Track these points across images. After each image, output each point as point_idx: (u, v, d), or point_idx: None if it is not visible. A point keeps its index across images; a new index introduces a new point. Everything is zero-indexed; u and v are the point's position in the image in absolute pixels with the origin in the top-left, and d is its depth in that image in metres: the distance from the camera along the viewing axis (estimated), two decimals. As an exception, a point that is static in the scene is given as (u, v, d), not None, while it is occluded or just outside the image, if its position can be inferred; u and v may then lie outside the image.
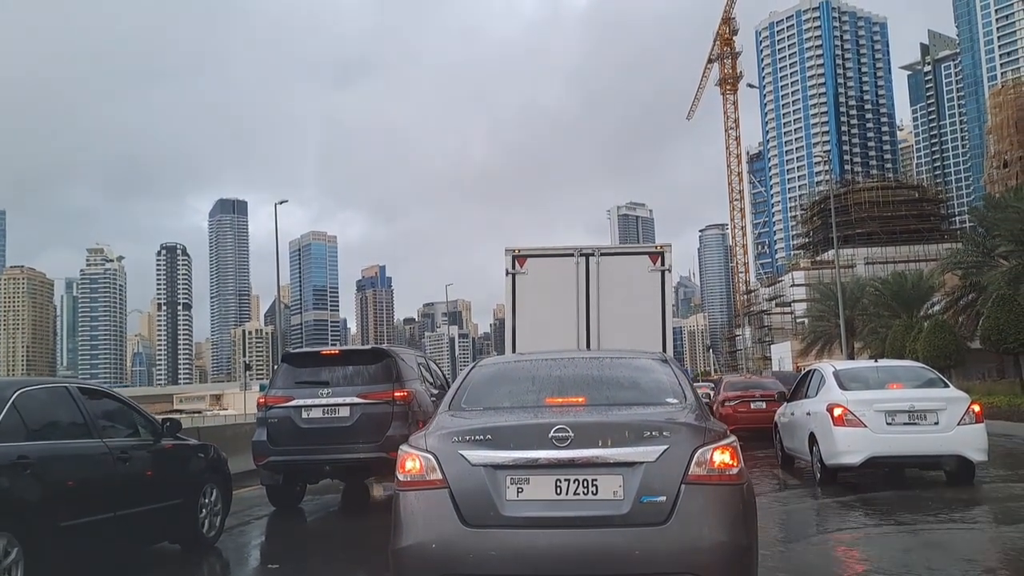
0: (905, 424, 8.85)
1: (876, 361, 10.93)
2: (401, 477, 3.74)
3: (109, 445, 5.70)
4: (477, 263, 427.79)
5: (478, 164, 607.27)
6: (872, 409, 8.89)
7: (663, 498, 3.43)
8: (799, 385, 11.10)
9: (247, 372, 72.76)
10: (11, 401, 5.06)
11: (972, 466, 8.98)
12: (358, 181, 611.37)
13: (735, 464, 3.59)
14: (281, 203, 45.63)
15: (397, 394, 8.41)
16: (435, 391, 9.63)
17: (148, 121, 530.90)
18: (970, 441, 8.81)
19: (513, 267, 10.79)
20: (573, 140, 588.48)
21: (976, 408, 9.11)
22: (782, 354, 77.25)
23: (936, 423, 8.82)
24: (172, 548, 6.67)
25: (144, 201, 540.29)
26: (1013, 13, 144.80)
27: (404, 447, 3.85)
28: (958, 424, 8.80)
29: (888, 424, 8.85)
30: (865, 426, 8.85)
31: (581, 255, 10.74)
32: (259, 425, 8.81)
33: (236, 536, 7.68)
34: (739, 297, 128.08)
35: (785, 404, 11.53)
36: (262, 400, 8.95)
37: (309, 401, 8.47)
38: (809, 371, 11.13)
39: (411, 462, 3.70)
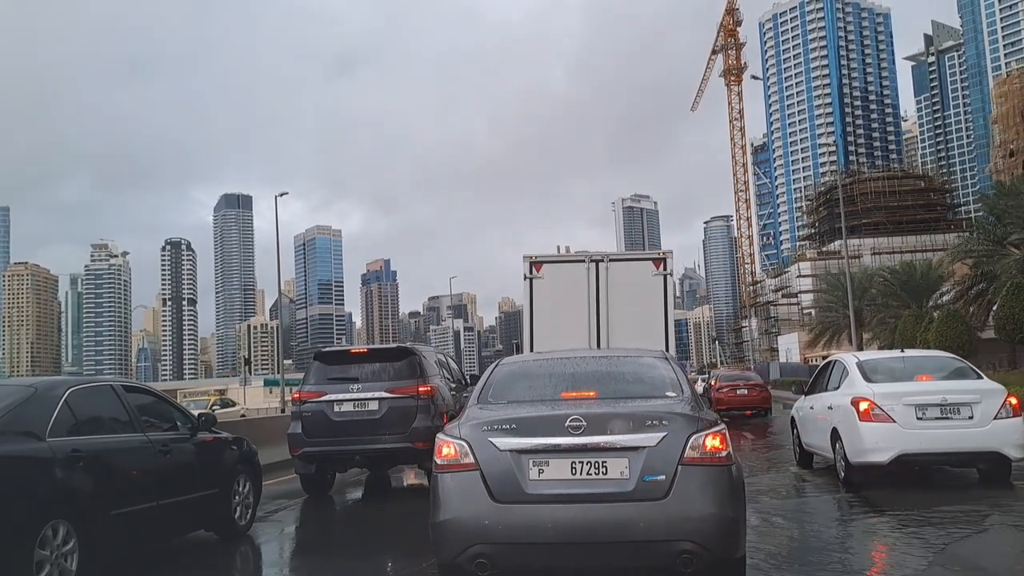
0: (937, 419, 8.20)
1: (902, 351, 10.37)
2: (439, 461, 4.28)
3: (151, 439, 6.03)
4: (482, 256, 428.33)
5: (481, 155, 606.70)
6: (901, 403, 8.28)
7: (663, 477, 3.98)
8: (818, 377, 10.62)
9: (246, 367, 72.54)
10: (64, 399, 5.38)
11: (1009, 464, 8.34)
12: (362, 174, 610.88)
13: (724, 448, 4.13)
14: (281, 195, 45.80)
15: (421, 389, 9.09)
16: (453, 385, 10.34)
17: (152, 115, 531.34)
18: (1008, 436, 8.15)
19: (531, 272, 11.66)
20: (576, 130, 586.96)
21: (1013, 401, 8.43)
22: (789, 345, 77.17)
23: (970, 417, 8.16)
24: (208, 536, 6.94)
25: (148, 196, 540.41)
26: (1016, 3, 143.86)
27: (440, 435, 4.38)
28: (994, 418, 8.15)
29: (919, 419, 8.21)
30: (894, 421, 8.25)
31: (591, 261, 11.70)
32: (294, 418, 9.42)
33: (267, 524, 8.01)
34: (745, 288, 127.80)
35: (803, 397, 10.99)
36: (296, 395, 9.59)
37: (340, 396, 9.08)
38: (829, 362, 10.57)
39: (447, 448, 4.25)
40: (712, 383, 25.69)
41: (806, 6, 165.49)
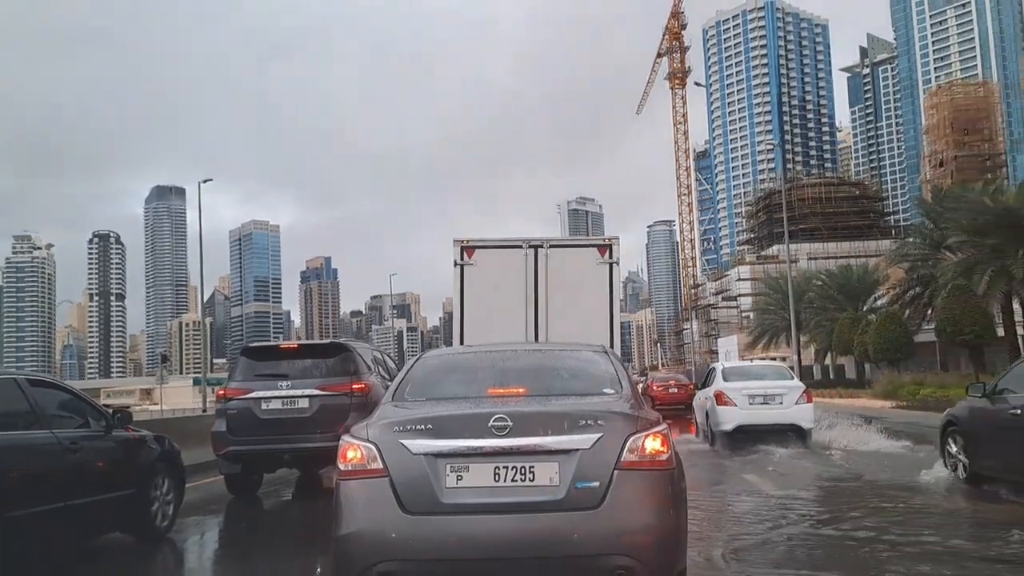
0: (762, 404, 13.09)
1: (752, 361, 15.53)
2: (342, 467, 3.82)
3: (58, 436, 5.72)
4: (426, 255, 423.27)
5: (422, 149, 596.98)
6: (740, 394, 13.13)
7: (596, 483, 3.57)
8: (707, 377, 15.29)
9: (164, 364, 69.66)
10: None
11: (804, 431, 12.94)
12: (300, 168, 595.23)
13: (665, 451, 3.74)
14: (205, 182, 44.97)
15: (355, 386, 8.86)
16: (390, 383, 9.68)
17: (79, 101, 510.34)
18: (802, 415, 13.05)
19: (461, 258, 10.91)
20: (520, 127, 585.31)
21: (808, 393, 13.49)
22: (729, 348, 78.29)
23: (781, 403, 13.09)
24: (125, 538, 6.67)
25: (75, 186, 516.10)
26: (947, 19, 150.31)
27: (346, 437, 3.90)
28: (795, 404, 13.05)
29: (751, 404, 13.06)
30: (735, 405, 13.06)
31: (530, 247, 10.85)
32: (219, 416, 9.14)
33: (189, 526, 7.75)
34: (686, 292, 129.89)
35: (699, 390, 15.74)
36: (222, 392, 9.34)
37: (268, 393, 8.83)
38: (712, 367, 16.46)
39: (352, 452, 3.78)
40: (649, 383, 30.44)
41: (748, 15, 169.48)
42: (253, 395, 8.81)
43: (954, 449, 8.45)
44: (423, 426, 3.73)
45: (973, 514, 7.31)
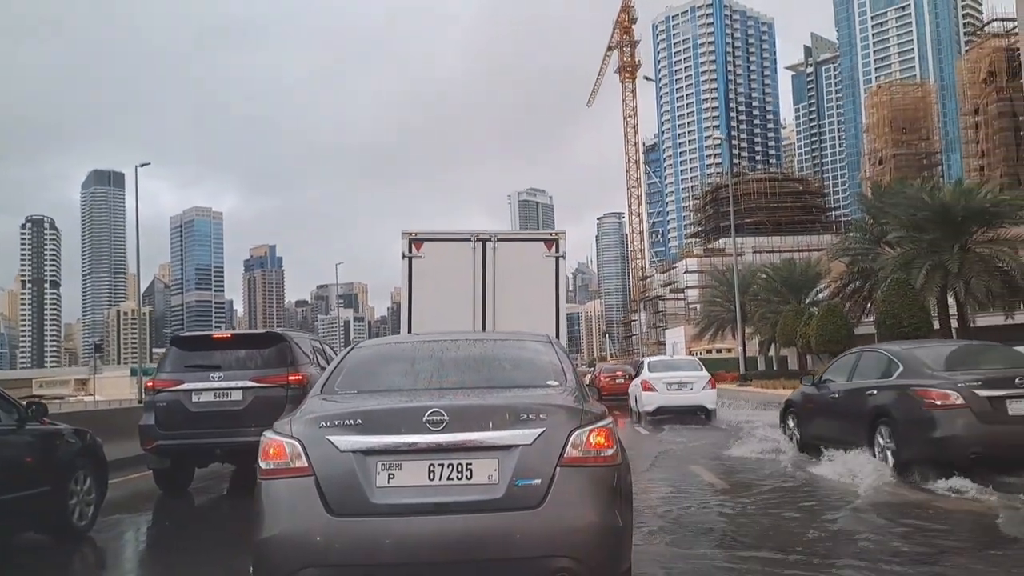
0: (677, 390, 16.84)
1: (672, 355, 18.97)
2: (264, 465, 3.60)
3: None
4: (374, 244, 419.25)
5: (372, 138, 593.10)
6: (661, 382, 16.96)
7: (538, 481, 3.41)
8: (639, 369, 19.08)
9: (99, 354, 67.68)
10: None
11: (710, 411, 16.76)
12: (245, 154, 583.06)
13: (610, 445, 3.59)
14: (143, 166, 44.75)
15: (292, 378, 8.55)
16: None
17: (13, 84, 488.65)
18: (708, 398, 16.85)
19: (410, 250, 10.95)
20: (471, 118, 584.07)
21: (712, 381, 17.45)
22: (676, 339, 79.36)
23: (691, 389, 16.88)
24: (40, 539, 6.33)
25: (7, 169, 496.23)
26: (887, 20, 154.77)
27: (267, 433, 3.68)
28: (702, 389, 16.86)
29: (668, 390, 16.82)
30: (656, 391, 16.86)
31: (478, 240, 10.96)
32: (147, 409, 8.80)
33: (114, 524, 7.31)
34: (635, 283, 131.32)
35: (634, 380, 19.27)
36: (150, 384, 8.98)
37: (200, 385, 8.51)
38: (642, 361, 20.43)
39: (274, 449, 3.57)
40: (596, 374, 31.72)
41: (696, 11, 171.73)
42: (183, 387, 8.47)
43: (791, 425, 10.95)
44: (352, 421, 3.50)
45: (796, 470, 9.20)
